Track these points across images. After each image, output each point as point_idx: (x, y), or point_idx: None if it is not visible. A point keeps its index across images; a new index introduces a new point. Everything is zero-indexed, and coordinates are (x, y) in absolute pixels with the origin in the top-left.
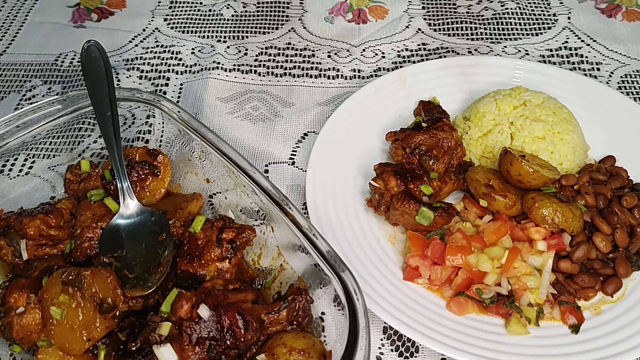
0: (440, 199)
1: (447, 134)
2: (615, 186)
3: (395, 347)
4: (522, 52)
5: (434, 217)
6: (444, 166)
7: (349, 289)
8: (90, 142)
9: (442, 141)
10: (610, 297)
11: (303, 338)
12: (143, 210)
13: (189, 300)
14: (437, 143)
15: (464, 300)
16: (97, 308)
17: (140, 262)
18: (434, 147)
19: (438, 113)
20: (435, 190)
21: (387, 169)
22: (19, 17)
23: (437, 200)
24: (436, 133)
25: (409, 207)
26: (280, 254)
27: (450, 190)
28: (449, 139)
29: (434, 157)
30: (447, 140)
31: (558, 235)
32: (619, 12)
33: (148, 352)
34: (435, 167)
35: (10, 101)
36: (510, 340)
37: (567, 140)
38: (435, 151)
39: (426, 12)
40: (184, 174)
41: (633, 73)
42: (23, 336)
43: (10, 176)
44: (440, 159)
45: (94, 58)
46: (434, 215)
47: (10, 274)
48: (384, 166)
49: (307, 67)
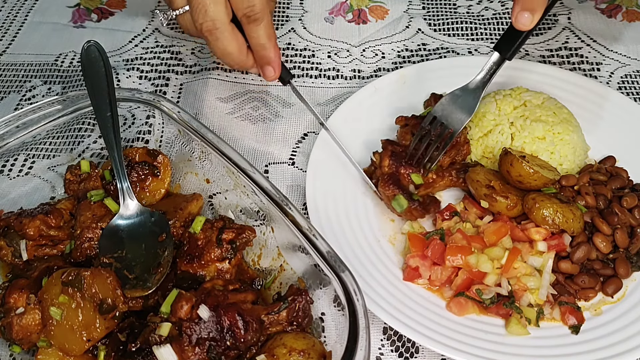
0: (434, 192)
1: None
2: (616, 187)
3: (395, 348)
4: (522, 52)
5: (407, 206)
6: (449, 159)
7: (349, 290)
8: (90, 143)
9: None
10: (611, 297)
11: (303, 338)
12: (143, 211)
13: (188, 301)
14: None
15: (464, 301)
16: (97, 308)
17: (140, 262)
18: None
19: None
20: (427, 181)
21: (388, 147)
22: (19, 17)
23: (428, 192)
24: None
25: (387, 190)
26: (280, 255)
27: (445, 185)
28: (459, 134)
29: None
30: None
31: (558, 236)
32: (619, 12)
33: (148, 352)
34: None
35: (10, 101)
36: (510, 341)
37: (567, 140)
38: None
39: (426, 12)
40: (184, 174)
41: (633, 73)
42: (23, 337)
43: (10, 176)
44: (447, 152)
45: (93, 58)
46: (407, 204)
47: (10, 274)
48: (388, 144)
49: (307, 68)
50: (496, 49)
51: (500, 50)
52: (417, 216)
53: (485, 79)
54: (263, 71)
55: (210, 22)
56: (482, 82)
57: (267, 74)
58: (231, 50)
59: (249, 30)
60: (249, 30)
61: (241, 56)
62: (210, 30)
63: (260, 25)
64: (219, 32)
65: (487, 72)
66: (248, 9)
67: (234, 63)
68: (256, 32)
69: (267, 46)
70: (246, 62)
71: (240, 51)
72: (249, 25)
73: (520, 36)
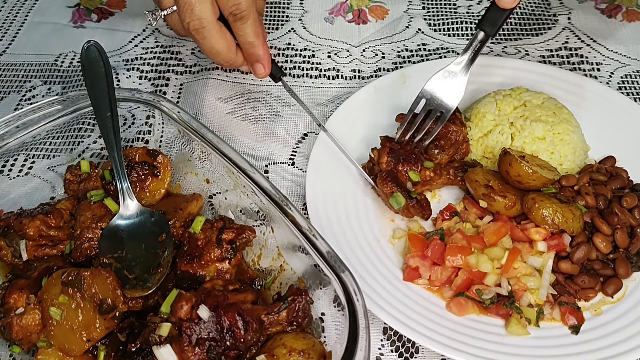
0: (431, 189)
1: (458, 128)
2: (616, 187)
3: (395, 348)
4: (522, 53)
5: (405, 204)
6: (447, 158)
7: (349, 290)
8: (90, 143)
9: (451, 133)
10: (611, 297)
11: (303, 339)
12: (143, 211)
13: (188, 301)
14: (446, 134)
15: (464, 301)
16: (97, 309)
17: (140, 262)
18: (442, 138)
19: None
20: (424, 179)
21: (386, 145)
22: (19, 17)
23: (426, 189)
24: (447, 125)
25: (385, 187)
26: (280, 255)
27: (443, 182)
28: (458, 133)
29: (440, 147)
30: (456, 134)
31: (558, 236)
32: (619, 12)
33: (148, 352)
34: (440, 157)
35: (10, 101)
36: (510, 341)
37: (567, 140)
38: (442, 141)
39: (426, 13)
40: (184, 174)
41: (633, 73)
42: (23, 337)
43: (10, 176)
44: (445, 150)
45: (93, 58)
46: (405, 202)
47: (10, 274)
48: (387, 140)
49: (307, 68)
50: (479, 28)
51: (484, 29)
52: (415, 214)
53: (470, 57)
54: (253, 68)
55: (197, 21)
56: (468, 60)
57: (257, 71)
58: (219, 49)
59: (236, 28)
60: (236, 29)
61: (230, 54)
62: (197, 29)
63: (247, 23)
64: (206, 30)
65: (472, 51)
66: (234, 7)
67: (224, 61)
68: (243, 30)
69: (255, 44)
70: (235, 60)
71: (229, 49)
72: (235, 24)
73: (504, 14)
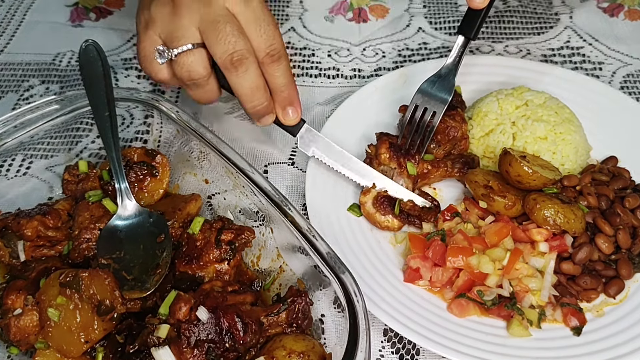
0: (429, 182)
1: (457, 124)
2: (618, 187)
3: (395, 350)
4: (523, 52)
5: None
6: (443, 153)
7: (349, 291)
8: (88, 143)
9: (449, 129)
10: (613, 298)
11: (302, 340)
12: (141, 211)
13: (187, 302)
14: (444, 129)
15: (465, 302)
16: (95, 310)
17: (138, 263)
18: (440, 133)
19: (456, 102)
20: (422, 172)
21: (384, 139)
22: (17, 16)
23: (425, 183)
24: (446, 120)
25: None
26: (280, 256)
27: (441, 175)
28: (457, 129)
29: (437, 142)
30: (454, 130)
31: (560, 237)
32: (621, 11)
33: (146, 354)
34: (435, 151)
35: (7, 101)
36: (512, 343)
37: (569, 140)
38: (440, 136)
39: (427, 11)
40: (183, 174)
41: (635, 73)
42: (20, 338)
43: (8, 177)
44: (442, 145)
45: (92, 58)
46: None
47: (8, 275)
48: (383, 135)
49: (307, 67)
50: (460, 33)
51: (464, 33)
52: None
53: (456, 62)
54: (284, 113)
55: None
56: (454, 64)
57: (290, 116)
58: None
59: (271, 69)
60: (271, 70)
61: (266, 92)
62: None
63: (284, 63)
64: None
65: (456, 55)
66: (270, 48)
67: (259, 102)
68: (280, 71)
69: (291, 84)
70: (269, 102)
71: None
72: (272, 65)
73: (479, 16)
